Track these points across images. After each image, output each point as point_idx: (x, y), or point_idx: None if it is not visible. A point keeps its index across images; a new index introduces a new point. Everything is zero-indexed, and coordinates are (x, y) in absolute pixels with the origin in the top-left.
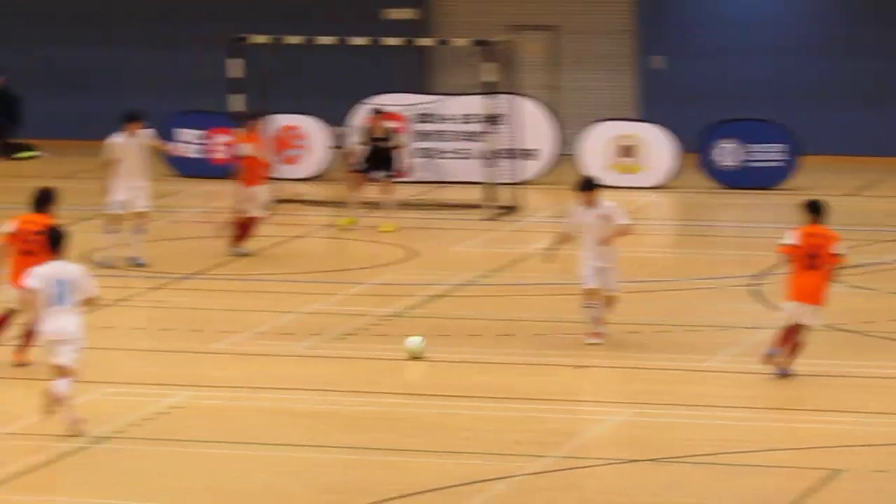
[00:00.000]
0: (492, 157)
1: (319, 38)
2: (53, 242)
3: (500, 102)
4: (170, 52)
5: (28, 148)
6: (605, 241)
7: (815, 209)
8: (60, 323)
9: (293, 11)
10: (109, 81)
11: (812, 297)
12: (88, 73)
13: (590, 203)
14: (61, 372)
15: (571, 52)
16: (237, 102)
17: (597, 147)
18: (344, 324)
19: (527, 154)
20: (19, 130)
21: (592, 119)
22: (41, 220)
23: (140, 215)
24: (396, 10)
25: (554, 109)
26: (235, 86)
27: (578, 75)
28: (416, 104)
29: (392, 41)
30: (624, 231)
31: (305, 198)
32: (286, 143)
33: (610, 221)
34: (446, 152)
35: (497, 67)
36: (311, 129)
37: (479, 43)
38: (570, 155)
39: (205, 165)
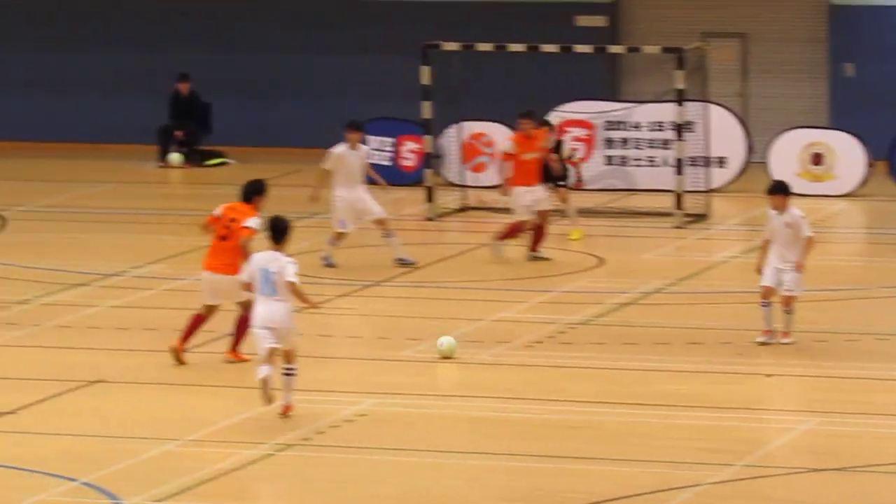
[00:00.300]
0: (681, 164)
1: (510, 45)
2: (276, 232)
3: (690, 110)
4: (358, 59)
5: (217, 155)
6: (788, 247)
7: None
8: (270, 311)
9: (483, 19)
10: (297, 88)
11: None
12: (277, 80)
13: (779, 208)
14: (271, 358)
15: (761, 60)
16: (427, 109)
17: (786, 155)
18: (531, 331)
19: (716, 162)
20: (209, 137)
21: (782, 127)
22: (244, 210)
23: (381, 222)
24: (587, 18)
25: (743, 117)
26: (426, 93)
27: (768, 83)
28: (606, 112)
29: (582, 48)
30: (810, 244)
31: (494, 205)
32: (475, 151)
33: (795, 230)
34: (636, 160)
35: (687, 75)
36: (500, 136)
37: (670, 50)
38: (759, 163)
39: (394, 172)
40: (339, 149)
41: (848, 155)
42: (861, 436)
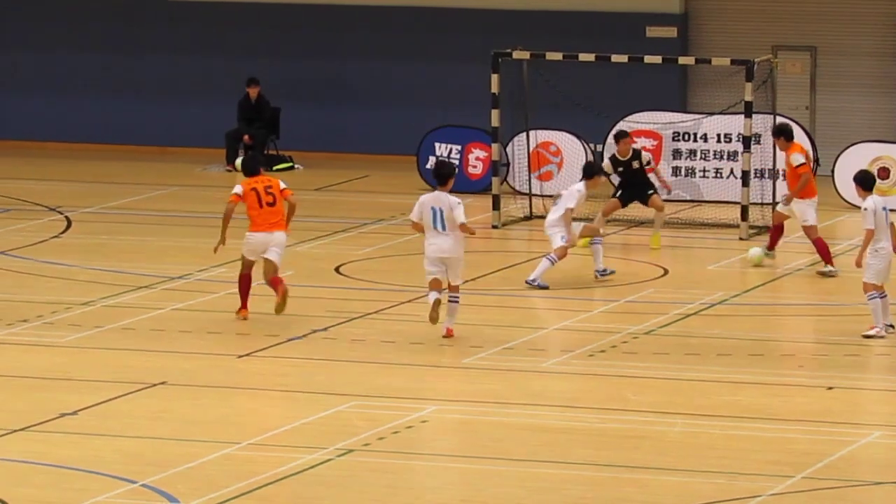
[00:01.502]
0: (747, 176)
1: (580, 54)
2: (440, 177)
3: (758, 122)
4: (428, 66)
5: (285, 160)
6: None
7: None
8: (440, 244)
9: (554, 28)
10: (366, 94)
11: None
12: (346, 85)
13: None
14: (437, 286)
15: (830, 73)
16: (496, 117)
17: (853, 168)
18: (594, 340)
19: (783, 175)
20: (277, 142)
21: (849, 140)
22: (268, 177)
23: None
24: (657, 29)
25: (811, 130)
26: (495, 100)
27: (837, 96)
28: (674, 122)
29: (652, 59)
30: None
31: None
32: (542, 160)
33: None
34: (702, 171)
35: (755, 87)
36: (567, 146)
37: (739, 62)
38: (825, 176)
39: (461, 179)
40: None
41: None
42: None
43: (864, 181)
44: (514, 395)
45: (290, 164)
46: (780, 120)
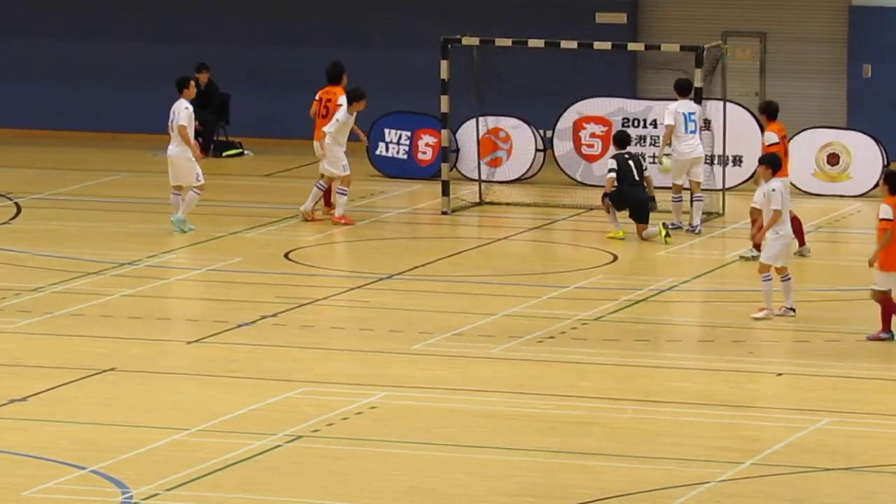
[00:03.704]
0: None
1: (529, 40)
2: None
3: (708, 108)
4: (377, 52)
5: (235, 146)
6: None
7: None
8: None
9: (503, 13)
10: (316, 80)
11: None
12: (296, 71)
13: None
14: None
15: (780, 59)
16: (445, 103)
17: (802, 155)
18: (543, 327)
19: (733, 160)
20: (226, 128)
21: (799, 127)
22: (336, 90)
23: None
24: (607, 15)
25: (760, 116)
26: (444, 87)
27: (786, 82)
28: (623, 109)
29: (601, 45)
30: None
31: (510, 200)
32: (492, 146)
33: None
34: (653, 157)
35: (705, 73)
36: (516, 132)
37: (688, 48)
38: None
39: (411, 166)
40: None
41: (864, 156)
42: (871, 436)
43: (773, 162)
44: (464, 382)
45: (240, 150)
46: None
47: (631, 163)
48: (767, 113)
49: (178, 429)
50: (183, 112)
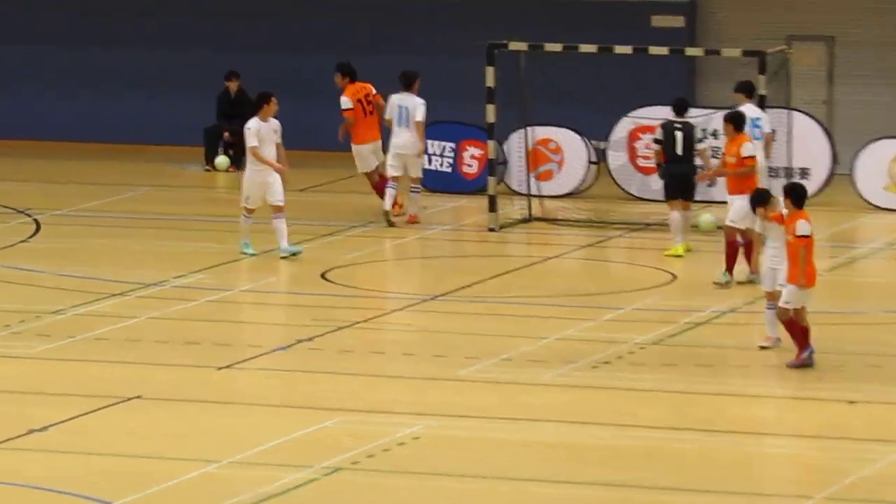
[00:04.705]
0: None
1: (580, 45)
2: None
3: (772, 117)
4: (419, 59)
5: None
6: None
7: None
8: None
9: (553, 17)
10: None
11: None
12: (329, 78)
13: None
14: None
15: (849, 65)
16: (491, 113)
17: (873, 166)
18: (599, 351)
19: (799, 173)
20: None
21: (870, 137)
22: (366, 85)
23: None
24: (663, 18)
25: (828, 126)
26: (490, 95)
27: (856, 89)
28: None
29: (657, 50)
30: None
31: (561, 216)
32: (541, 157)
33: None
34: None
35: (769, 80)
36: (568, 143)
37: (751, 53)
38: (844, 174)
39: (455, 179)
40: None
41: None
42: None
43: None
44: (513, 410)
45: None
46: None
47: (678, 134)
48: (735, 123)
49: (209, 460)
50: (246, 132)
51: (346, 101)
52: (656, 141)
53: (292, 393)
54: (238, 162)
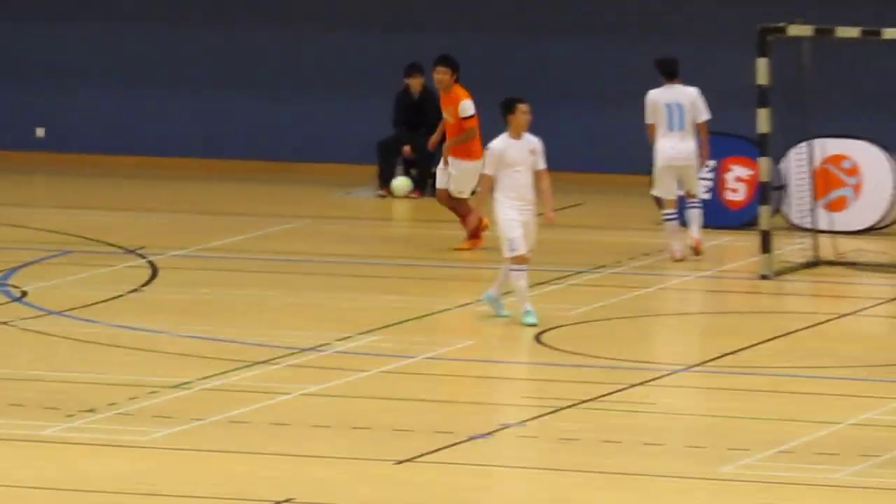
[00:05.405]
0: None
1: (886, 30)
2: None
3: None
4: (669, 47)
5: None
6: None
7: None
8: None
9: None
10: (574, 86)
11: None
12: (540, 72)
13: None
14: None
15: None
16: (764, 120)
17: None
18: None
19: None
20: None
21: None
22: None
23: None
24: None
25: None
26: (762, 97)
27: None
28: None
29: None
30: None
31: (860, 259)
32: (832, 180)
33: None
34: None
35: None
36: (868, 161)
37: None
38: None
39: (716, 209)
40: None
41: None
42: None
43: None
44: None
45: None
46: None
47: None
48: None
49: None
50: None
51: (469, 106)
52: None
53: (496, 495)
54: (423, 185)
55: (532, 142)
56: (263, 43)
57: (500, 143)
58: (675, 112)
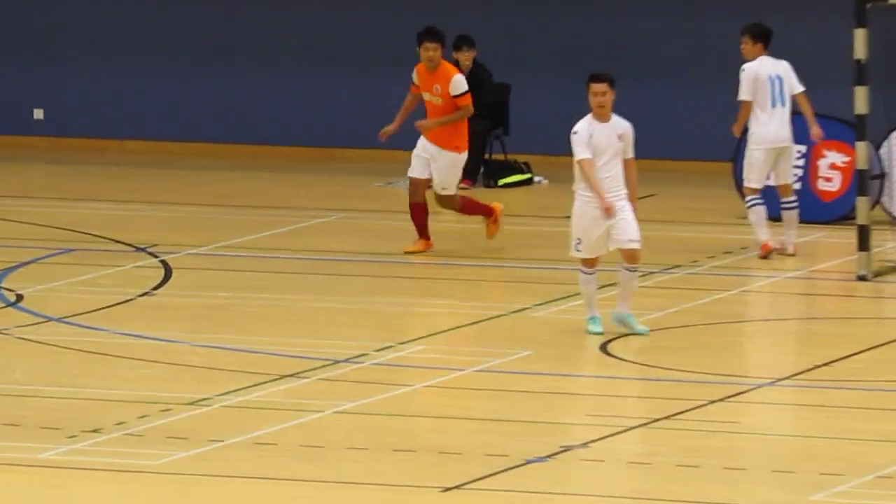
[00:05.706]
0: None
1: None
2: None
3: None
4: (749, 17)
5: (517, 169)
6: None
7: None
8: None
9: None
10: (628, 61)
11: None
12: (600, 47)
13: None
14: None
15: None
16: (862, 99)
17: None
18: None
19: None
20: (504, 140)
21: None
22: None
23: None
24: None
25: None
26: (860, 73)
27: None
28: None
29: None
30: None
31: None
32: None
33: None
34: None
35: None
36: None
37: None
38: None
39: (807, 201)
40: None
41: None
42: None
43: None
44: None
45: (528, 174)
46: None
47: None
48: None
49: None
50: (572, 138)
51: (463, 82)
52: None
53: None
54: (473, 174)
55: (622, 127)
56: (286, 19)
57: (585, 125)
58: (777, 86)
